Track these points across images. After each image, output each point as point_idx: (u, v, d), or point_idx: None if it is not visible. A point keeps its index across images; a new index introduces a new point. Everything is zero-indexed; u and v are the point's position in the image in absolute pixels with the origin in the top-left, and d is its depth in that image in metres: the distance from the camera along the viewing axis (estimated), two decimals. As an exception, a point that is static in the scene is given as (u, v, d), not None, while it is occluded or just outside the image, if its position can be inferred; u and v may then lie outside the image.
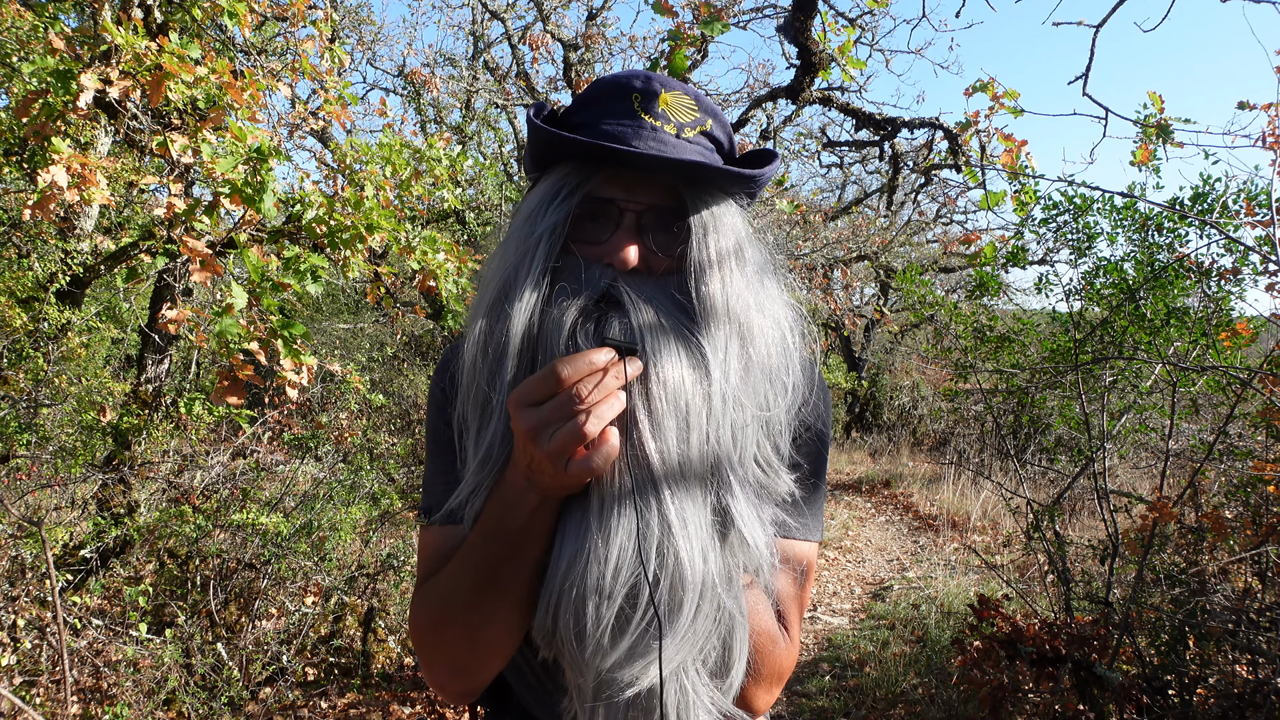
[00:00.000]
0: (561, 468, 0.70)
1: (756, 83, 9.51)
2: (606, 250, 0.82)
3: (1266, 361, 3.09)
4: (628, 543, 0.72)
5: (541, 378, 0.70)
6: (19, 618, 2.83)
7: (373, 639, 3.81)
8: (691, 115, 0.85)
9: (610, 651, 0.72)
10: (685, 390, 0.75)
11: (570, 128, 0.86)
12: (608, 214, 0.83)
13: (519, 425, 0.71)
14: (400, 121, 7.33)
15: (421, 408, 8.01)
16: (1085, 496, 6.48)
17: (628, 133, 0.81)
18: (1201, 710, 2.63)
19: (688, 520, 0.73)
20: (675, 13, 3.31)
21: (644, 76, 0.84)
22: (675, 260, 0.83)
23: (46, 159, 2.00)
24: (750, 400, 0.79)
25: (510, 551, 0.76)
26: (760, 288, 0.85)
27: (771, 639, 0.85)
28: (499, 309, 0.80)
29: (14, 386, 3.21)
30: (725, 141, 0.89)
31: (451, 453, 0.88)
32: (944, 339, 6.00)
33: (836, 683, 4.01)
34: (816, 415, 0.92)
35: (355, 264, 2.61)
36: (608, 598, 0.71)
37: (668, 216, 0.83)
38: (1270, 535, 2.77)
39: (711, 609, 0.74)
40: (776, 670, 0.86)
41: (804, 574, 0.92)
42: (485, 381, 0.80)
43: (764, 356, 0.82)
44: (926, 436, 12.88)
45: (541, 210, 0.83)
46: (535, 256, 0.81)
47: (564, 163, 0.85)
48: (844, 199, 13.33)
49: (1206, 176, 4.85)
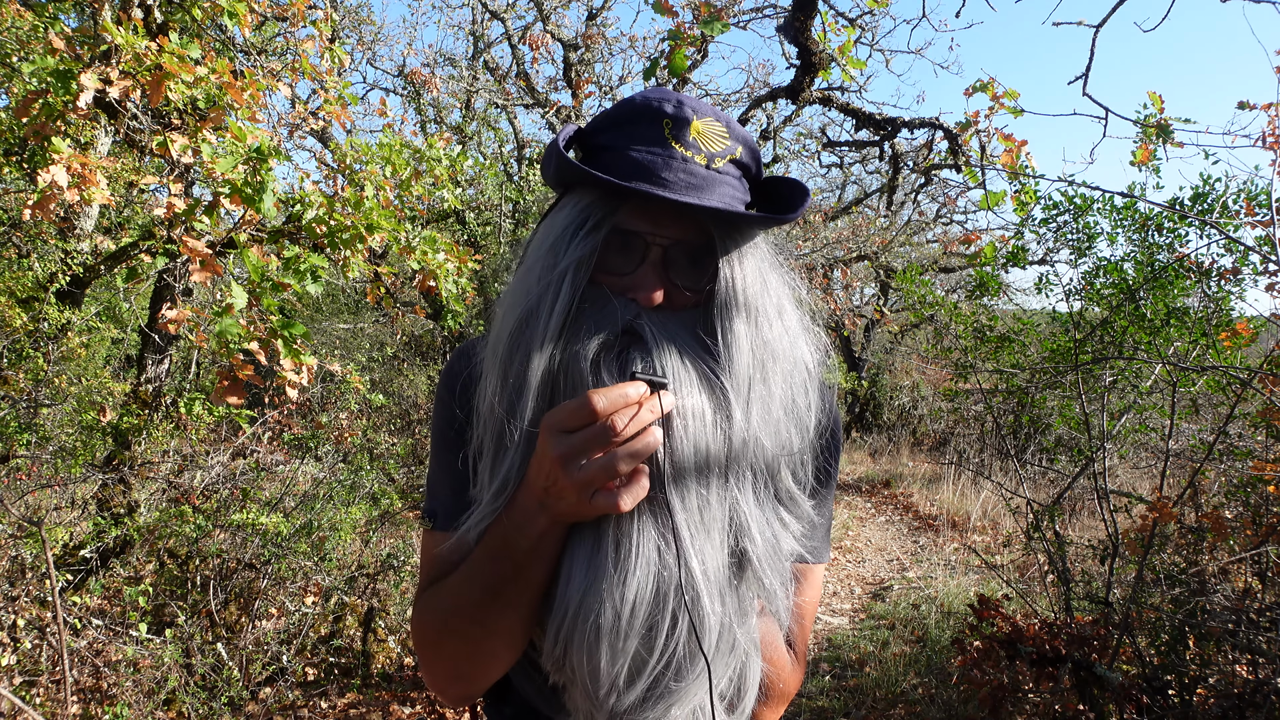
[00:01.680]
0: (587, 498, 0.70)
1: (756, 83, 9.52)
2: (631, 283, 0.81)
3: (1266, 361, 3.09)
4: (645, 583, 0.72)
5: (576, 407, 0.69)
6: (19, 618, 2.83)
7: (373, 639, 3.81)
8: (722, 144, 0.83)
9: (625, 693, 0.73)
10: (706, 430, 0.74)
11: (597, 149, 0.84)
12: (633, 246, 0.81)
13: (550, 450, 0.70)
14: (400, 121, 7.33)
15: (422, 408, 8.01)
16: (1085, 496, 6.48)
17: (657, 163, 0.79)
18: (1201, 710, 2.63)
19: (707, 561, 0.74)
20: (675, 13, 3.31)
21: (675, 101, 0.82)
22: (700, 296, 0.82)
23: (46, 159, 2.00)
24: (770, 440, 0.79)
25: (514, 572, 0.76)
26: (782, 324, 0.84)
27: (782, 665, 0.88)
28: (519, 339, 0.79)
29: (14, 386, 3.21)
30: (753, 167, 0.87)
31: (455, 456, 0.88)
32: (944, 339, 6.00)
33: (836, 683, 4.01)
34: (830, 439, 0.93)
35: (355, 264, 2.60)
36: (624, 638, 0.71)
37: (695, 252, 0.82)
38: (1270, 535, 2.77)
39: (728, 648, 0.76)
40: (784, 692, 0.90)
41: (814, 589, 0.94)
42: (505, 410, 0.79)
43: (786, 394, 0.81)
44: (926, 436, 12.87)
45: (565, 241, 0.81)
46: (561, 290, 0.79)
47: (590, 188, 0.82)
48: (844, 199, 13.32)
49: (1206, 176, 4.85)
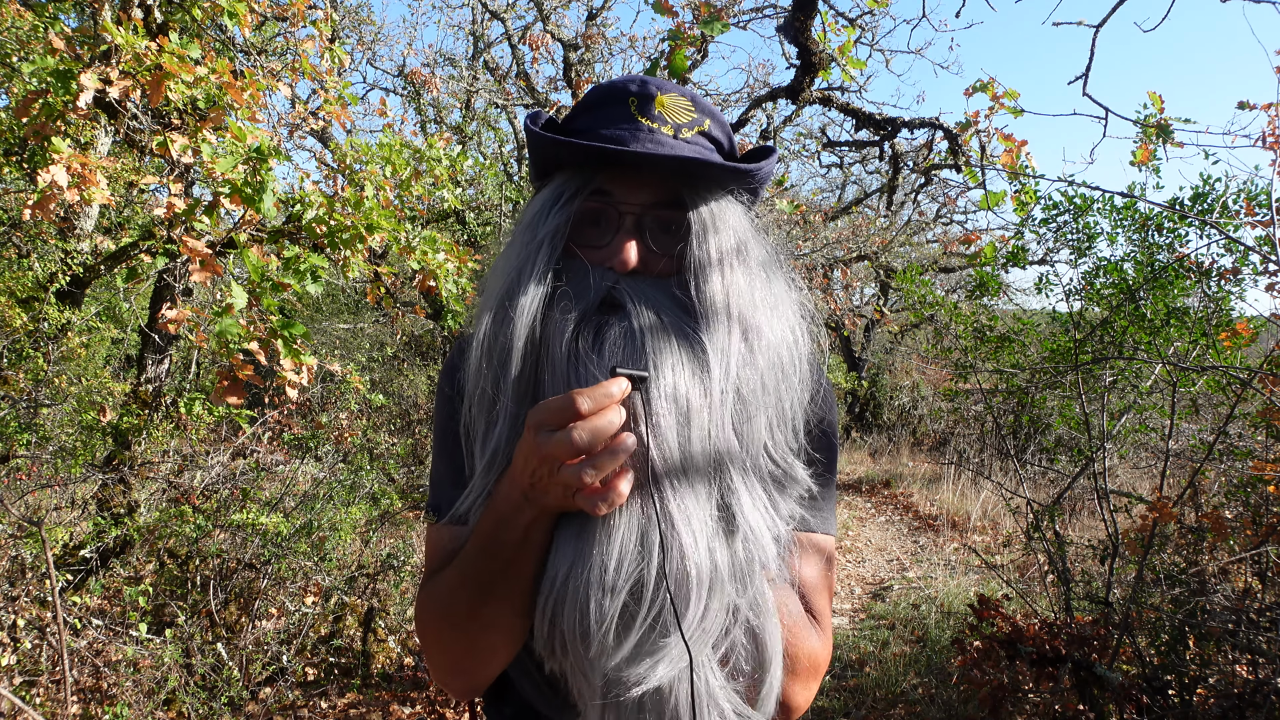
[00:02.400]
0: (569, 497, 0.71)
1: (756, 83, 9.51)
2: (608, 253, 0.83)
3: (1266, 361, 3.09)
4: (630, 538, 0.72)
5: (561, 406, 0.70)
6: (19, 618, 2.83)
7: (373, 639, 3.81)
8: (689, 116, 0.85)
9: (616, 650, 0.72)
10: (684, 388, 0.75)
11: (569, 134, 0.87)
12: (608, 217, 0.84)
13: (535, 448, 0.71)
14: (400, 121, 7.33)
15: (422, 408, 8.01)
16: (1085, 496, 6.48)
17: (625, 135, 0.82)
18: (1201, 710, 2.63)
19: (691, 515, 0.73)
20: (675, 13, 3.31)
21: (639, 80, 0.85)
22: (677, 259, 0.83)
23: (46, 159, 2.00)
24: (755, 395, 0.79)
25: (504, 565, 0.76)
26: (765, 283, 0.85)
27: (801, 632, 0.84)
28: (502, 313, 0.81)
29: (14, 386, 3.20)
30: (725, 141, 0.89)
31: (458, 450, 0.88)
32: (944, 339, 5.99)
33: (836, 683, 4.01)
34: (825, 408, 0.92)
35: (355, 264, 2.60)
36: (611, 592, 0.71)
37: (668, 216, 0.84)
38: (1270, 535, 2.77)
39: (720, 605, 0.73)
40: (811, 663, 0.84)
41: (827, 562, 0.91)
42: (490, 386, 0.81)
43: (770, 350, 0.82)
44: (926, 436, 12.87)
45: (543, 216, 0.84)
46: (537, 260, 0.82)
47: (565, 169, 0.86)
48: (844, 199, 13.32)
49: (1206, 176, 4.85)
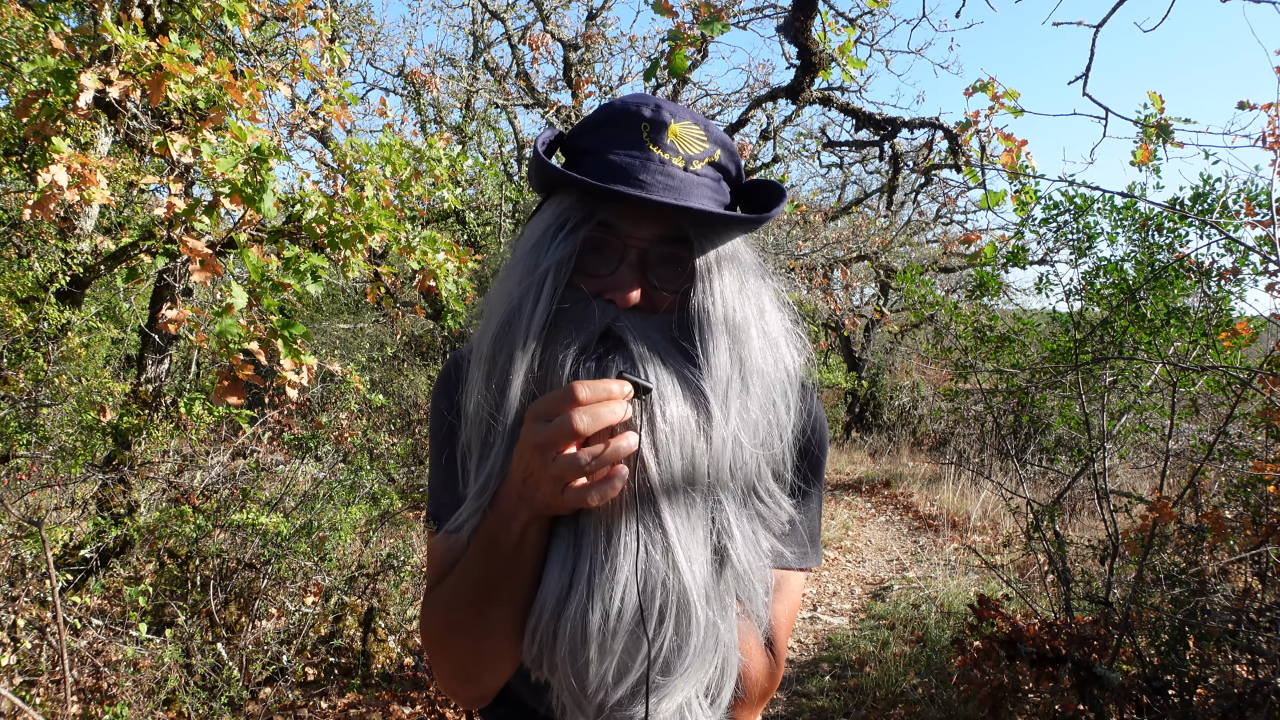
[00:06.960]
0: (558, 491, 0.71)
1: (756, 83, 9.50)
2: (609, 285, 0.81)
3: (1266, 361, 3.09)
4: (634, 582, 0.73)
5: (560, 395, 0.70)
6: (19, 618, 2.83)
7: (373, 639, 3.81)
8: (700, 146, 0.84)
9: (614, 689, 0.74)
10: (689, 431, 0.75)
11: (578, 152, 0.86)
12: (611, 248, 0.82)
13: (530, 438, 0.71)
14: (400, 121, 7.34)
15: (421, 408, 8.01)
16: (1085, 496, 6.47)
17: (635, 165, 0.80)
18: (1201, 710, 2.63)
19: (694, 560, 0.75)
20: (675, 13, 3.31)
21: (654, 105, 0.83)
22: (678, 297, 0.82)
23: (46, 159, 2.00)
24: (750, 441, 0.80)
25: (504, 568, 0.77)
26: (761, 326, 0.84)
27: (761, 665, 0.88)
28: (501, 340, 0.81)
29: (14, 386, 3.20)
30: (733, 169, 0.88)
31: (454, 459, 0.89)
32: (944, 339, 6.00)
33: (836, 683, 4.01)
34: (815, 443, 0.93)
35: (355, 264, 2.60)
36: (612, 636, 0.73)
37: (672, 253, 0.83)
38: (1270, 535, 2.77)
39: (712, 643, 0.77)
40: (762, 692, 0.90)
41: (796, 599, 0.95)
42: (488, 413, 0.81)
43: (765, 397, 0.82)
44: (926, 436, 12.86)
45: (546, 242, 0.82)
46: (540, 292, 0.80)
47: (570, 191, 0.84)
48: (844, 199, 13.31)
49: (1206, 176, 4.84)
